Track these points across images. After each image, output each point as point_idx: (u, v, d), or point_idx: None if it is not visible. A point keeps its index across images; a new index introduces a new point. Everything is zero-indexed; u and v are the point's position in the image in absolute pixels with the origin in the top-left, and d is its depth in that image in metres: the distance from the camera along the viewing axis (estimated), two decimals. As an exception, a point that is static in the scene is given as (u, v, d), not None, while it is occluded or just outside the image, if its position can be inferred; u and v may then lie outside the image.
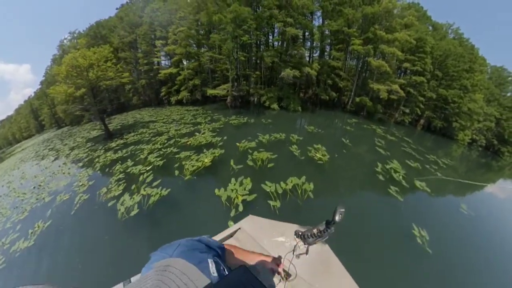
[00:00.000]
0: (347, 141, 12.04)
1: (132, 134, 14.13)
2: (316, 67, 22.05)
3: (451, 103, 23.55)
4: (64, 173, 10.26)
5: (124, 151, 10.82)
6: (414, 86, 23.58)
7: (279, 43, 24.12)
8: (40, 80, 44.60)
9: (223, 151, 8.92)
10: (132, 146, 11.21)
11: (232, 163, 7.57)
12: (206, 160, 7.84)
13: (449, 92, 23.34)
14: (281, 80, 22.46)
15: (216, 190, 6.09)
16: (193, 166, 7.44)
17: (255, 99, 22.81)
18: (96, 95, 16.50)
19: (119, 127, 18.12)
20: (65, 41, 33.95)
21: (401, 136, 16.44)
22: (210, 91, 21.75)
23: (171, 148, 9.71)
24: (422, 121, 26.40)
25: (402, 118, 24.22)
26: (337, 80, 23.75)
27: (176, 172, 7.29)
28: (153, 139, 11.83)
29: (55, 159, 13.80)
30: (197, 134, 11.61)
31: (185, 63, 26.67)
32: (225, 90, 21.58)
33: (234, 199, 5.80)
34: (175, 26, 24.22)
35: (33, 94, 51.64)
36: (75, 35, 33.42)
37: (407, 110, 23.86)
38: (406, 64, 22.86)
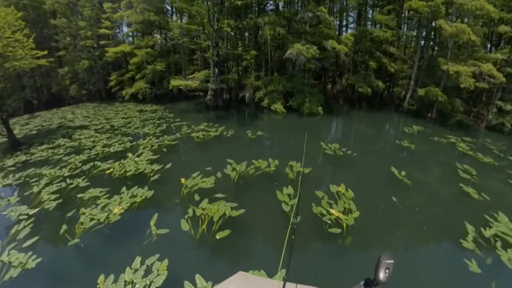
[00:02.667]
0: (402, 173, 9.89)
1: (45, 146, 14.36)
2: (348, 40, 20.11)
3: None
4: None
5: (17, 175, 10.69)
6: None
7: (288, 6, 22.60)
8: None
9: (151, 192, 8.36)
10: (32, 168, 11.16)
11: (153, 221, 6.93)
12: (115, 211, 7.39)
13: None
14: (290, 65, 21.36)
15: (101, 278, 5.33)
16: (91, 219, 7.13)
17: (247, 94, 21.54)
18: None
19: (34, 132, 18.28)
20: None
21: (504, 155, 13.27)
22: (174, 82, 20.68)
23: (80, 179, 9.55)
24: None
25: (500, 121, 20.73)
26: (386, 62, 22.14)
27: (63, 228, 6.90)
28: (65, 159, 11.92)
29: None
30: (130, 155, 11.46)
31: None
32: (198, 81, 20.34)
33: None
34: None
35: None
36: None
37: (509, 106, 20.37)
38: (503, 28, 19.60)
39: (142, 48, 24.98)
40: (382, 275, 1.32)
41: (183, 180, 8.80)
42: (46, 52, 17.88)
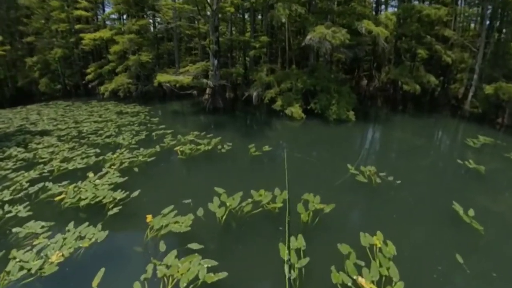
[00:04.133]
0: (470, 212, 8.53)
1: None
2: (389, 21, 19.77)
3: None
4: None
5: None
6: None
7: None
8: None
9: (104, 234, 7.67)
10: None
11: (97, 280, 6.24)
12: (53, 259, 6.89)
13: None
14: (313, 55, 20.62)
15: None
16: (21, 268, 6.64)
17: (255, 93, 20.85)
18: None
19: None
20: None
21: None
22: (161, 78, 20.02)
23: (21, 207, 9.13)
24: None
25: None
26: (439, 49, 21.79)
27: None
28: (12, 176, 11.51)
29: None
30: (91, 176, 11.07)
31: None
32: (191, 76, 19.49)
33: None
34: None
35: None
36: None
37: None
38: None
39: (125, 33, 24.75)
40: None
41: (149, 217, 8.18)
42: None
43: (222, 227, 7.88)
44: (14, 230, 7.80)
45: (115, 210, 8.60)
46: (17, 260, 6.71)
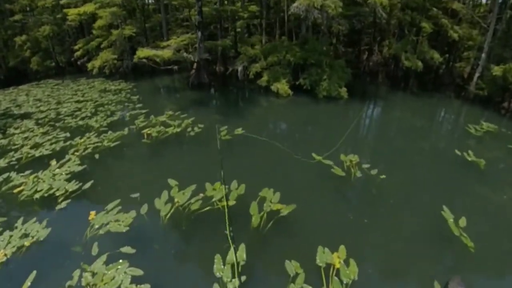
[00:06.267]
0: (462, 221, 7.19)
1: None
2: None
3: None
4: None
5: None
6: None
7: None
8: None
9: (47, 232, 7.28)
10: None
11: (27, 283, 5.89)
12: None
13: None
14: (305, 26, 19.48)
15: None
16: None
17: (240, 68, 20.00)
18: None
19: None
20: None
21: None
22: (140, 53, 18.77)
23: None
24: None
25: None
26: (446, 23, 20.33)
27: None
28: None
29: None
30: (53, 164, 10.59)
31: None
32: (172, 50, 18.43)
33: None
34: None
35: None
36: None
37: None
38: None
39: (108, 7, 23.57)
40: None
41: (92, 214, 7.62)
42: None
43: (162, 229, 7.13)
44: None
45: (63, 204, 8.18)
46: None
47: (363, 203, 8.07)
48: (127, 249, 6.23)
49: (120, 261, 6.05)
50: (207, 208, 7.47)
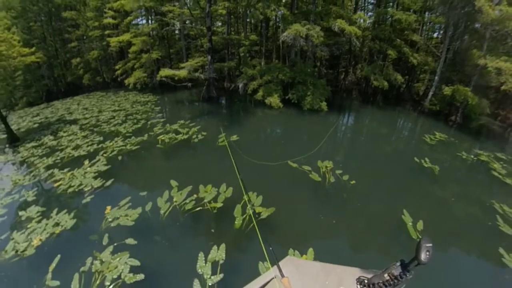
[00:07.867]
0: (419, 224, 6.56)
1: (32, 144, 13.44)
2: (363, 22, 17.93)
3: None
4: None
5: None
6: None
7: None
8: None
9: (73, 222, 6.92)
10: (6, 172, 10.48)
11: (53, 265, 5.56)
12: (34, 242, 6.30)
13: None
14: (294, 52, 18.71)
15: None
16: (13, 249, 6.14)
17: (240, 85, 19.03)
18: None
19: (36, 125, 17.44)
20: None
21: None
22: (162, 73, 17.98)
23: (30, 192, 8.55)
24: None
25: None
26: (407, 51, 19.55)
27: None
28: (37, 162, 10.91)
29: None
30: (86, 163, 10.09)
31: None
32: (186, 70, 17.64)
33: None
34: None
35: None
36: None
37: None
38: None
39: (139, 36, 23.16)
40: (423, 256, 1.35)
41: (108, 209, 7.15)
42: (33, 49, 17.02)
43: (160, 224, 6.48)
44: (20, 213, 7.35)
45: (88, 198, 7.79)
46: (14, 240, 6.45)
47: (334, 206, 7.27)
48: (130, 241, 5.83)
49: (125, 252, 5.63)
50: (198, 208, 6.73)
